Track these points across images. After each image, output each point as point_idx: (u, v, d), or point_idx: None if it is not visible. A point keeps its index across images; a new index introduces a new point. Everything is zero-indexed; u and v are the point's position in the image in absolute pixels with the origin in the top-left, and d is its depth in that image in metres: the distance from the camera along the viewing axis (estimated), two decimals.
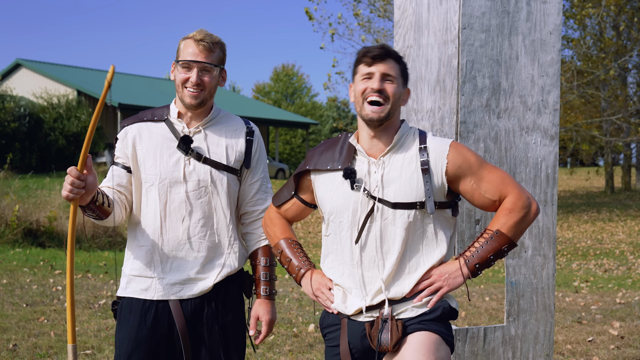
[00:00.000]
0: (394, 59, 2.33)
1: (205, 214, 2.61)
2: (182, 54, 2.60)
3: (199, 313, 2.62)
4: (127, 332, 2.58)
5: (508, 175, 2.35)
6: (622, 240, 15.29)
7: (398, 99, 2.32)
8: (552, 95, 3.30)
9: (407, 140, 2.35)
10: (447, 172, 2.29)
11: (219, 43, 2.64)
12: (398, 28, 3.41)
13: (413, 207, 2.27)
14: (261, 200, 2.73)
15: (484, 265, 2.30)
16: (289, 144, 45.22)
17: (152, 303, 2.59)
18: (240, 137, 2.70)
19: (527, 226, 2.33)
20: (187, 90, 2.57)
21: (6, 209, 11.06)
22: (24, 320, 6.11)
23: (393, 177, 2.29)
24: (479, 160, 2.33)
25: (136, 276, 2.63)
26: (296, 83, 51.25)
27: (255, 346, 5.46)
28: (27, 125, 24.25)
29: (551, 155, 3.32)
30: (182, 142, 2.59)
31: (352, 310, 2.33)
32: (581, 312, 7.35)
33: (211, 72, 2.60)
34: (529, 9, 3.22)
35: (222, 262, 2.64)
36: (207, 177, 2.61)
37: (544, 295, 3.32)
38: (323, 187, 2.40)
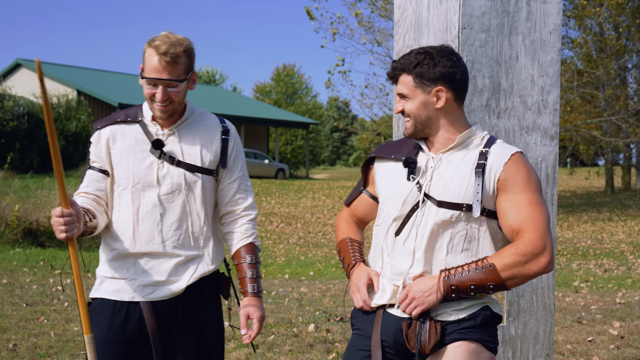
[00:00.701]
0: (405, 71, 2.27)
1: (178, 216, 2.57)
2: (146, 66, 2.49)
3: (173, 315, 2.58)
4: (97, 333, 2.54)
5: (543, 217, 2.16)
6: (622, 240, 15.29)
7: (419, 111, 2.26)
8: (552, 95, 3.30)
9: (472, 142, 2.28)
10: (499, 180, 2.19)
11: (184, 51, 2.49)
12: (398, 28, 3.41)
13: (458, 209, 2.19)
14: (241, 200, 2.68)
15: (461, 292, 2.17)
16: (290, 144, 45.21)
17: (123, 304, 2.56)
18: (215, 137, 2.65)
19: (525, 276, 2.15)
20: (156, 105, 2.51)
21: (6, 209, 11.06)
22: (24, 320, 6.11)
23: (446, 175, 2.24)
24: (530, 185, 2.19)
25: (108, 277, 2.60)
26: (297, 83, 51.27)
27: (255, 346, 5.46)
28: (26, 125, 24.24)
29: (551, 155, 3.32)
30: (154, 145, 2.54)
31: (384, 300, 2.29)
32: (581, 312, 7.35)
33: (178, 86, 2.51)
34: (528, 9, 3.23)
35: (195, 264, 2.61)
36: (181, 180, 2.56)
37: (544, 295, 3.32)
38: (383, 176, 2.39)
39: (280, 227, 17.04)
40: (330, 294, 8.33)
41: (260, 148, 35.75)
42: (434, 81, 2.24)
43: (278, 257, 12.70)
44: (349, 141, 56.76)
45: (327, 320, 6.64)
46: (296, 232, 16.35)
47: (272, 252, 13.37)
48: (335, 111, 46.36)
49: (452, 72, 2.25)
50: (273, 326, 6.28)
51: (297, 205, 21.05)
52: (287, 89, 50.89)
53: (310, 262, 12.21)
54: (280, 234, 16.10)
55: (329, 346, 5.56)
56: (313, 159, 45.76)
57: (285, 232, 16.42)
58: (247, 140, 34.60)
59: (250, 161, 28.67)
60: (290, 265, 11.70)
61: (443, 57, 2.25)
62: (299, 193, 24.05)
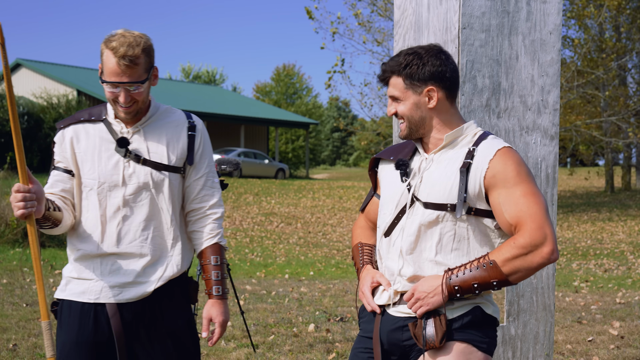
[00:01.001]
0: (394, 73, 2.26)
1: (146, 216, 2.52)
2: (105, 68, 2.41)
3: (140, 318, 2.53)
4: (68, 336, 2.50)
5: (540, 206, 2.13)
6: (622, 240, 15.28)
7: (411, 113, 2.25)
8: (552, 95, 3.30)
9: (463, 141, 2.27)
10: (485, 178, 2.17)
11: (142, 51, 2.41)
12: (398, 28, 3.41)
13: (443, 209, 2.19)
14: (207, 197, 2.62)
15: (466, 291, 2.15)
16: (291, 144, 45.19)
17: (90, 306, 2.50)
18: (181, 133, 2.59)
19: (529, 268, 2.11)
20: (119, 107, 2.46)
21: (6, 209, 11.06)
22: (24, 320, 6.11)
23: (435, 176, 2.24)
24: (520, 177, 2.16)
25: (74, 278, 2.55)
26: (297, 83, 51.27)
27: (255, 346, 5.46)
28: (26, 125, 24.22)
29: (551, 155, 3.32)
30: (119, 144, 2.48)
31: (382, 300, 2.32)
32: (581, 312, 7.35)
33: (140, 86, 2.45)
34: (528, 9, 3.22)
35: (164, 265, 2.55)
36: (148, 178, 2.51)
37: (543, 295, 3.32)
38: (384, 178, 2.42)
39: (280, 227, 17.04)
40: (330, 294, 8.33)
41: (260, 148, 35.74)
42: (425, 81, 2.23)
43: (278, 257, 12.70)
44: (349, 141, 56.77)
45: (327, 320, 6.64)
46: (296, 232, 16.35)
47: (272, 252, 13.37)
48: (335, 111, 46.32)
49: (442, 71, 2.24)
50: (273, 326, 6.28)
51: (297, 205, 21.05)
52: (287, 89, 50.88)
53: (310, 262, 12.21)
54: (280, 234, 16.09)
55: (329, 346, 5.56)
56: (313, 159, 45.76)
57: (285, 232, 16.41)
58: (247, 140, 34.58)
59: (250, 161, 28.66)
60: (290, 265, 11.70)
61: (432, 57, 2.24)
62: (299, 193, 24.05)
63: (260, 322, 6.46)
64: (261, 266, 11.41)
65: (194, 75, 53.64)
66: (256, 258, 12.46)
